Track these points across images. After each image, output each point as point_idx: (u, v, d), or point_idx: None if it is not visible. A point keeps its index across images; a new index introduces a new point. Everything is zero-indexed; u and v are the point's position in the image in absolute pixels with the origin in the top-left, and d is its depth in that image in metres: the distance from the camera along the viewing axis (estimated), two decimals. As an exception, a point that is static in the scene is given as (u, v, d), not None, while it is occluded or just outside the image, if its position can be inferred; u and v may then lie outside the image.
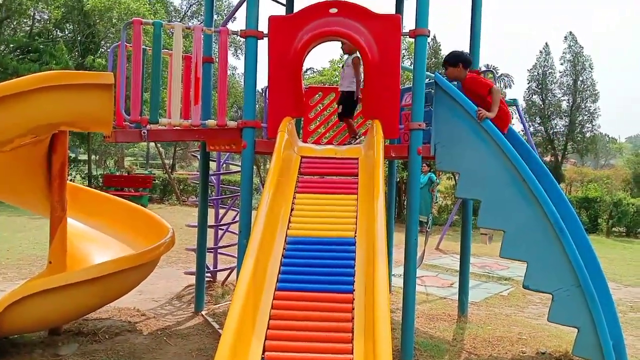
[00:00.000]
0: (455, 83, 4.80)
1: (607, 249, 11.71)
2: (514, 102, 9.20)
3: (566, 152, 27.68)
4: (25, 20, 20.17)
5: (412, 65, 4.58)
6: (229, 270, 6.75)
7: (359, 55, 4.74)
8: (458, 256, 5.93)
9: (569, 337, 4.78)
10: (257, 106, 5.62)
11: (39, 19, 20.69)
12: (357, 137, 5.01)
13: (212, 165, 6.93)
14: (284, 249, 3.34)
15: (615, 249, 12.17)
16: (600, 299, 4.07)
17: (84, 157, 23.80)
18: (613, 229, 15.71)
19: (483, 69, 5.68)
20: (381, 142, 3.98)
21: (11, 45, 19.12)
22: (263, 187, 3.62)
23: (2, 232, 10.33)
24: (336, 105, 4.86)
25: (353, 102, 4.94)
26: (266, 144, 4.59)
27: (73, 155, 23.19)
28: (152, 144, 34.74)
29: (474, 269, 7.74)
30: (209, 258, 6.51)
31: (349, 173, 4.10)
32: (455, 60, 4.78)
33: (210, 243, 6.41)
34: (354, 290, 3.00)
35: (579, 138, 27.20)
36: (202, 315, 5.38)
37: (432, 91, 4.74)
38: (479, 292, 6.81)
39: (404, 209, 16.03)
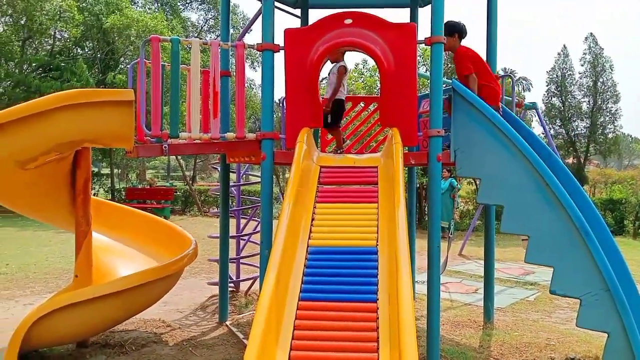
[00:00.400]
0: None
1: (634, 251, 11.45)
2: (533, 106, 9.10)
3: (588, 154, 27.25)
4: (46, 40, 20.66)
5: (428, 72, 4.58)
6: (252, 280, 6.78)
7: (344, 64, 4.88)
8: (482, 262, 5.87)
9: (598, 342, 4.68)
10: (274, 117, 5.67)
11: (60, 37, 21.19)
12: (344, 147, 5.14)
13: (232, 176, 6.99)
14: (306, 259, 3.35)
15: (643, 251, 11.89)
16: (630, 303, 3.98)
17: (107, 170, 24.20)
18: (639, 230, 15.36)
19: (501, 73, 5.64)
20: (400, 150, 3.97)
21: (33, 65, 19.60)
22: (283, 197, 3.64)
23: (29, 247, 10.54)
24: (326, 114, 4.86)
25: (341, 110, 4.99)
26: (285, 155, 4.62)
27: (96, 170, 23.62)
28: (172, 157, 35.17)
29: (499, 274, 7.64)
30: (232, 268, 6.55)
31: (368, 182, 4.10)
32: (452, 30, 4.78)
33: (232, 253, 6.46)
34: (378, 299, 2.99)
35: (601, 139, 26.78)
36: (227, 325, 5.40)
37: (450, 97, 4.72)
38: (505, 297, 6.72)
39: (425, 215, 15.91)
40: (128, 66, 5.90)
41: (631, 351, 3.82)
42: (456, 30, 4.77)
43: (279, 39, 4.56)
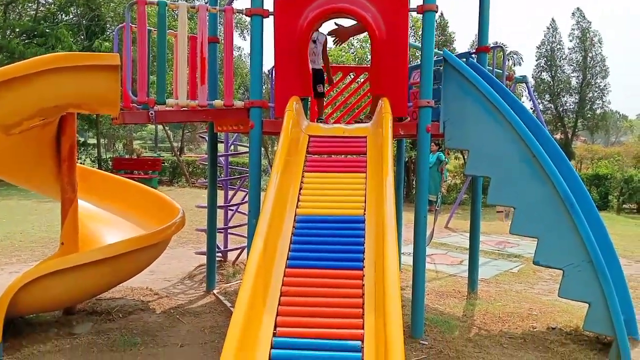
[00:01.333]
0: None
1: (618, 226, 11.65)
2: (523, 79, 9.08)
3: (576, 130, 27.44)
4: (30, 5, 20.09)
5: (419, 42, 4.53)
6: (239, 250, 6.81)
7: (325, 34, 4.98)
8: (467, 234, 5.93)
9: (579, 312, 4.78)
10: (263, 87, 5.60)
11: (44, 2, 20.60)
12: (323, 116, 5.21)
13: (220, 147, 6.93)
14: (293, 227, 3.34)
15: (627, 226, 12.10)
16: (612, 274, 4.06)
17: (93, 141, 23.88)
18: (624, 205, 15.60)
19: (491, 45, 5.59)
20: (389, 120, 3.95)
21: (17, 30, 19.08)
22: (271, 168, 3.62)
23: (14, 216, 10.46)
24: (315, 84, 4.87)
25: (323, 79, 5.05)
26: (274, 124, 4.58)
27: (82, 140, 23.29)
28: (160, 127, 34.79)
29: (484, 246, 7.73)
30: (219, 238, 6.56)
31: (357, 152, 4.08)
32: None
33: (220, 224, 6.46)
34: (364, 267, 3.01)
35: (589, 115, 26.93)
36: (214, 294, 5.43)
37: (441, 68, 4.69)
38: (489, 269, 6.82)
39: (413, 189, 16.00)
40: (114, 32, 5.76)
41: (610, 321, 3.91)
42: None
43: (269, 4, 4.47)
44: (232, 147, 7.50)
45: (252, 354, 2.45)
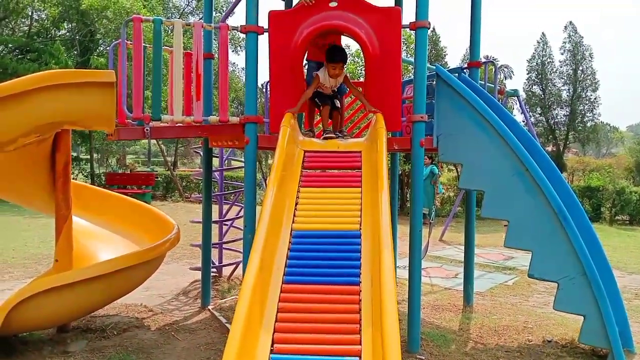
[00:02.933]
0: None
1: (610, 237, 11.72)
2: (514, 93, 9.19)
3: (567, 142, 27.68)
4: (23, 20, 20.15)
5: (412, 57, 4.58)
6: (234, 265, 6.78)
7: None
8: (462, 247, 5.95)
9: (574, 325, 4.79)
10: (258, 102, 5.63)
11: (37, 18, 20.67)
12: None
13: (215, 162, 6.94)
14: (289, 242, 3.36)
15: (619, 237, 12.18)
16: (606, 286, 4.08)
17: (86, 156, 23.84)
18: (616, 217, 15.71)
19: (483, 60, 5.67)
20: (384, 135, 3.99)
21: (10, 46, 19.11)
22: (265, 183, 3.64)
23: (7, 232, 10.38)
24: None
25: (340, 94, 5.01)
26: (269, 139, 4.60)
27: (75, 154, 23.24)
28: (153, 142, 34.76)
29: (478, 259, 7.76)
30: (214, 253, 6.54)
31: (352, 166, 4.10)
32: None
33: (214, 239, 6.44)
34: (361, 282, 3.02)
35: (580, 127, 27.19)
36: (209, 310, 5.40)
37: (434, 83, 4.74)
38: (484, 282, 6.83)
39: (407, 202, 16.05)
40: (108, 48, 5.79)
41: (606, 333, 3.92)
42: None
43: (264, 22, 4.52)
44: (226, 161, 7.51)
45: (250, 370, 2.44)
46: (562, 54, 27.63)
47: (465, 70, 5.47)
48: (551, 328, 4.90)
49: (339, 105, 4.85)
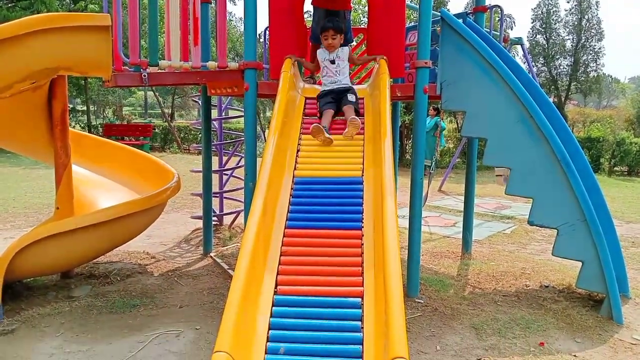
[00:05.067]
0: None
1: (609, 188, 11.76)
2: (519, 41, 8.97)
3: (569, 93, 27.37)
4: (12, -34, 19.44)
5: (415, 3, 4.44)
6: (235, 214, 6.82)
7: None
8: (460, 197, 5.97)
9: (571, 271, 4.87)
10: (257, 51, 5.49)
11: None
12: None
13: (214, 113, 6.85)
14: (291, 189, 3.35)
15: (617, 188, 12.24)
16: (605, 233, 4.11)
17: (82, 107, 23.56)
18: (615, 168, 15.73)
19: (489, 5, 5.50)
20: (387, 81, 3.91)
21: (0, -7, 18.51)
22: (265, 135, 3.61)
23: (6, 182, 10.38)
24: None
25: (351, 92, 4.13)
26: (269, 86, 4.51)
27: (71, 106, 22.94)
28: (149, 94, 34.31)
29: (477, 208, 7.79)
30: (215, 203, 6.56)
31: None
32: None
33: (215, 188, 6.44)
34: (363, 227, 3.03)
35: (582, 78, 26.82)
36: (211, 256, 5.46)
37: (438, 29, 4.62)
38: (482, 230, 6.89)
39: (406, 154, 16.01)
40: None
41: (603, 279, 3.98)
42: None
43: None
44: (225, 111, 7.42)
45: (254, 311, 2.48)
46: (568, 1, 26.94)
47: (470, 16, 5.31)
48: (548, 274, 4.97)
49: (352, 100, 3.95)
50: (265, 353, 2.33)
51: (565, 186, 4.14)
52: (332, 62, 4.12)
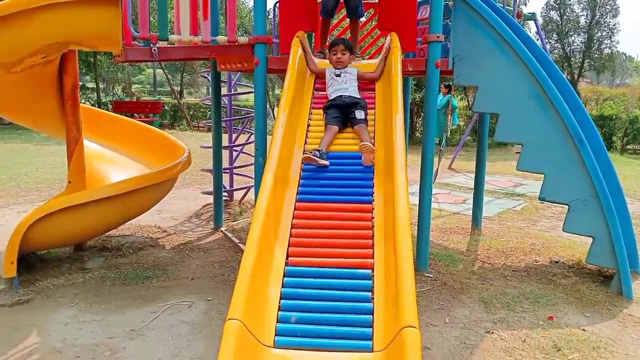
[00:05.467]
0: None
1: (621, 166, 11.64)
2: (532, 17, 8.83)
3: (582, 70, 26.93)
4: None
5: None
6: (245, 190, 6.85)
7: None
8: (470, 175, 5.95)
9: (582, 247, 4.86)
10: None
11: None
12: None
13: (223, 89, 6.82)
14: (302, 162, 3.35)
15: (630, 166, 12.11)
16: (617, 210, 4.09)
17: (92, 84, 23.60)
18: (627, 146, 15.56)
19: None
20: (399, 55, 3.87)
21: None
22: (274, 113, 3.59)
23: (18, 158, 10.47)
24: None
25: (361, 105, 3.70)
26: (279, 61, 4.48)
27: (81, 84, 22.95)
28: (158, 71, 34.22)
29: (487, 186, 7.76)
30: (225, 179, 6.59)
31: (365, 88, 4.02)
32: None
33: (225, 165, 6.46)
34: (374, 201, 3.04)
35: (596, 55, 26.35)
36: (222, 231, 5.52)
37: (450, 3, 4.54)
38: (492, 207, 6.88)
39: (416, 131, 15.92)
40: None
41: (614, 255, 3.98)
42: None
43: None
44: (234, 87, 7.40)
45: (266, 281, 2.51)
46: (584, -25, 26.32)
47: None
48: (558, 250, 4.97)
49: (361, 117, 3.56)
50: (277, 322, 2.36)
51: (577, 162, 4.11)
52: (338, 75, 3.81)
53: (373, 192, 3.09)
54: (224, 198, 6.30)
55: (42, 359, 2.93)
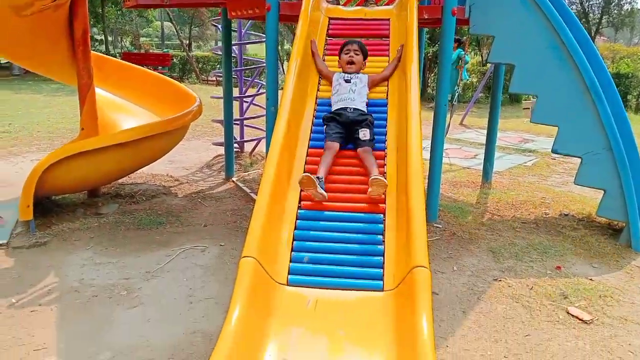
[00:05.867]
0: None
1: (636, 125, 11.46)
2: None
3: (600, 27, 26.22)
4: None
5: None
6: (256, 141, 6.85)
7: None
8: (482, 131, 5.89)
9: (592, 201, 4.86)
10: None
11: None
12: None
13: (233, 38, 6.72)
14: (314, 109, 3.34)
15: (643, 125, 11.95)
16: (630, 163, 4.06)
17: (100, 37, 23.35)
18: (642, 105, 15.32)
19: None
20: (415, 1, 3.78)
21: None
22: (283, 67, 3.51)
23: (28, 109, 10.48)
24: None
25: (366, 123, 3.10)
26: (291, 7, 4.38)
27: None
28: (166, 24, 33.72)
29: (499, 142, 7.71)
30: (235, 131, 6.58)
31: (379, 34, 3.95)
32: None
33: (235, 116, 6.44)
34: (386, 148, 3.04)
35: (615, 11, 25.60)
36: (233, 181, 5.55)
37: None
38: (503, 162, 6.85)
39: (428, 87, 15.71)
40: None
41: (624, 208, 3.98)
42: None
43: None
44: (245, 37, 7.29)
45: (279, 223, 2.55)
46: None
47: None
48: (569, 204, 4.98)
49: (366, 139, 2.98)
50: (290, 262, 2.41)
51: (592, 115, 4.06)
52: (348, 81, 3.29)
53: (386, 140, 3.09)
54: (235, 149, 6.32)
55: (60, 298, 3.02)
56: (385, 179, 2.79)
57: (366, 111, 3.14)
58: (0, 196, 4.70)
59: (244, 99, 6.89)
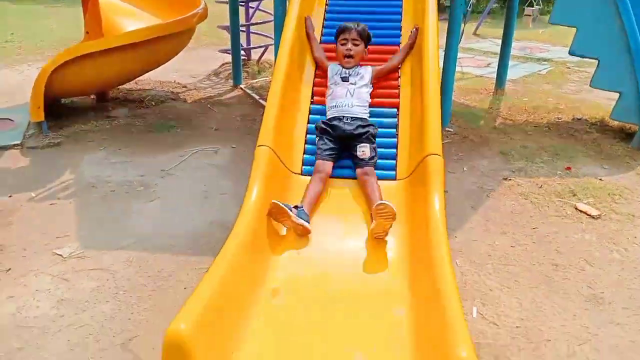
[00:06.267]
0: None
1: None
2: None
3: None
4: None
5: None
6: (263, 49, 6.69)
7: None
8: (496, 40, 5.68)
9: (606, 107, 4.78)
10: None
11: None
12: None
13: None
14: (326, 4, 3.22)
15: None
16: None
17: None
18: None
19: None
20: None
21: None
22: None
23: (30, 21, 10.21)
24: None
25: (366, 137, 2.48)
26: None
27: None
28: None
29: (513, 51, 7.50)
30: (242, 38, 6.40)
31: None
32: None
33: (241, 21, 6.24)
34: (401, 43, 2.96)
35: None
36: (242, 88, 5.49)
37: None
38: (517, 70, 6.69)
39: (440, -3, 15.05)
40: None
41: (639, 111, 3.92)
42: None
43: None
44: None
45: (292, 116, 2.56)
46: None
47: None
48: (582, 109, 4.91)
49: (366, 157, 2.37)
50: (304, 153, 2.44)
51: (613, 15, 3.90)
52: (345, 79, 2.65)
53: (401, 34, 3.00)
54: (242, 57, 6.19)
55: (78, 192, 3.09)
56: (399, 71, 2.74)
57: (368, 117, 2.54)
58: (9, 102, 4.69)
59: (250, 4, 6.64)
